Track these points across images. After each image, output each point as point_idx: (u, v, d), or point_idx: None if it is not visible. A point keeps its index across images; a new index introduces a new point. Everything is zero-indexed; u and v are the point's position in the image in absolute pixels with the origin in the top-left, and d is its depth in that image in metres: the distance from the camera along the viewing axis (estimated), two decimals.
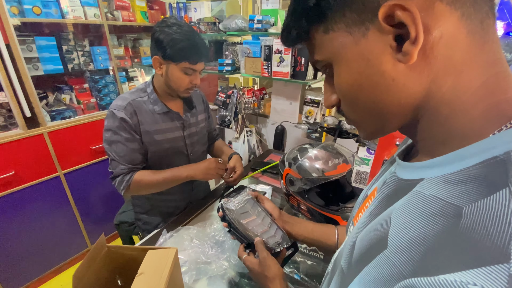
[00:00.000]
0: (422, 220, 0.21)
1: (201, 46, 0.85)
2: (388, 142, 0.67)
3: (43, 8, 1.43)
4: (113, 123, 0.87)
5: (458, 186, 0.21)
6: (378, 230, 0.26)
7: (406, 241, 0.21)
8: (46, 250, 1.63)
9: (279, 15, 1.29)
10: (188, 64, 0.84)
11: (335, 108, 0.35)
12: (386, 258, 0.22)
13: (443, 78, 0.23)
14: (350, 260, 0.29)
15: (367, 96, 0.26)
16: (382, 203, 0.29)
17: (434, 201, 0.21)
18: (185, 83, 0.88)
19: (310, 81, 1.24)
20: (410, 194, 0.25)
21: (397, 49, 0.23)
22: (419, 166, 0.26)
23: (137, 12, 1.84)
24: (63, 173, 1.59)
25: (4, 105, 1.38)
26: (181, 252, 0.72)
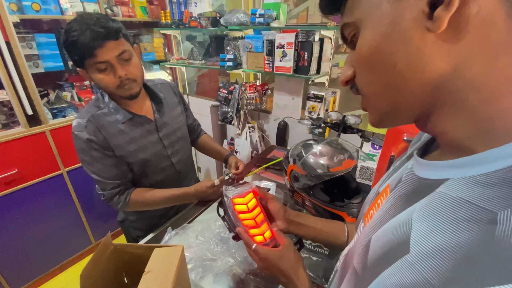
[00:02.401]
0: (452, 226, 0.20)
1: (89, 29, 0.66)
2: (395, 137, 0.66)
3: (42, 5, 1.42)
4: (80, 145, 0.80)
5: (491, 190, 0.19)
6: (397, 232, 0.24)
7: (433, 247, 0.20)
8: (51, 247, 1.64)
9: (281, 9, 1.27)
10: (92, 60, 0.69)
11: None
12: (409, 264, 0.21)
13: (475, 58, 0.21)
14: (364, 261, 0.28)
15: (386, 63, 0.24)
16: (399, 203, 0.28)
17: (464, 205, 0.20)
18: (110, 81, 0.74)
19: (313, 76, 1.23)
20: (434, 196, 0.23)
21: (428, 16, 0.21)
22: (443, 165, 0.24)
23: (137, 7, 1.82)
24: (66, 171, 1.59)
25: (6, 103, 1.38)
26: (187, 249, 0.72)
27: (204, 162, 2.30)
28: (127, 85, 0.77)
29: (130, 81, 0.77)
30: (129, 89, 0.78)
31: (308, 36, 1.14)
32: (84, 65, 0.71)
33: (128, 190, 0.90)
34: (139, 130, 0.88)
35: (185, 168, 1.07)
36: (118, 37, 0.71)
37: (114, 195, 0.87)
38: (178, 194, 0.94)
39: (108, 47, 0.69)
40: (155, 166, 0.94)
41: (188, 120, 1.12)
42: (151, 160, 0.92)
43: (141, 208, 0.96)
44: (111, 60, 0.71)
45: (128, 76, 0.75)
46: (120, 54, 0.72)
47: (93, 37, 0.66)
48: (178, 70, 2.08)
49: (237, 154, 1.72)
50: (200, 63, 1.73)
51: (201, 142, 1.19)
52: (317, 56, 1.22)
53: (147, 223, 1.04)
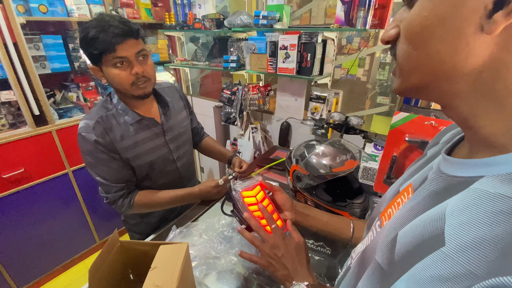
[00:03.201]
0: (491, 218, 0.20)
1: (111, 26, 0.69)
2: (397, 138, 0.67)
3: (49, 7, 1.44)
4: (87, 147, 0.79)
5: None
6: (429, 227, 0.25)
7: (472, 239, 0.20)
8: (56, 246, 1.67)
9: (284, 11, 1.28)
10: (111, 55, 0.71)
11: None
12: (446, 256, 0.21)
13: None
14: (391, 256, 0.28)
15: (431, 46, 0.24)
16: (428, 200, 0.28)
17: (502, 200, 0.21)
18: (126, 77, 0.75)
19: (316, 77, 1.23)
20: (468, 192, 0.24)
21: (488, 15, 0.21)
22: (477, 163, 0.24)
23: (142, 9, 1.84)
24: (71, 170, 1.61)
25: (13, 104, 1.40)
26: (191, 247, 0.73)
27: (207, 163, 2.32)
28: (141, 83, 0.78)
29: (145, 79, 0.78)
30: (143, 87, 0.79)
31: (311, 37, 1.15)
32: (102, 60, 0.73)
33: (132, 193, 0.90)
34: (147, 133, 0.88)
35: (188, 172, 1.08)
36: (138, 37, 0.74)
37: (118, 198, 0.87)
38: (182, 195, 0.94)
39: (128, 43, 0.72)
40: (159, 170, 0.94)
41: (193, 123, 1.13)
42: (157, 163, 0.92)
43: (146, 210, 0.96)
44: (129, 56, 0.73)
45: (144, 73, 0.77)
46: (138, 52, 0.75)
47: (115, 34, 0.69)
48: (182, 71, 2.10)
49: (240, 154, 1.73)
50: (203, 64, 1.75)
51: (205, 144, 1.20)
52: (320, 57, 1.22)
53: (148, 227, 1.05)
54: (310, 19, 2.46)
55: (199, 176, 2.44)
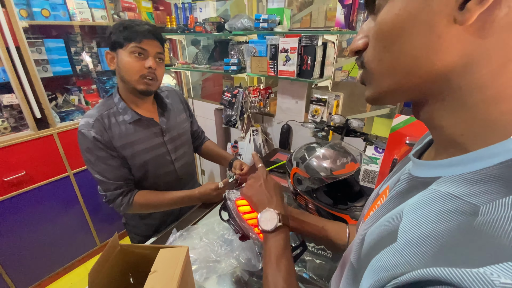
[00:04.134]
0: (436, 217, 0.21)
1: (145, 24, 0.80)
2: (398, 141, 0.67)
3: (52, 11, 1.46)
4: (86, 144, 0.81)
5: (477, 186, 0.20)
6: (388, 225, 0.26)
7: (417, 235, 0.21)
8: (56, 249, 1.66)
9: (285, 14, 1.29)
10: (134, 44, 0.77)
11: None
12: (395, 251, 0.22)
13: (489, 59, 0.21)
14: (359, 254, 0.29)
15: (403, 44, 0.24)
16: (394, 200, 0.29)
17: (450, 199, 0.21)
18: (137, 68, 0.79)
19: (317, 80, 1.24)
20: (426, 192, 0.25)
21: (460, 6, 0.20)
22: (437, 164, 0.25)
23: (143, 13, 1.86)
24: (73, 173, 1.62)
25: (15, 107, 1.41)
26: (191, 251, 0.73)
27: (208, 165, 2.32)
28: (149, 79, 0.82)
29: (153, 76, 0.83)
30: (149, 84, 0.83)
31: (311, 40, 1.16)
32: (123, 46, 0.78)
33: (132, 192, 0.90)
34: (145, 132, 0.90)
35: (187, 174, 1.08)
36: (162, 43, 0.85)
37: (117, 196, 0.88)
38: (182, 196, 0.95)
39: (153, 43, 0.81)
40: (156, 170, 0.95)
41: (193, 127, 1.14)
42: (153, 163, 0.93)
43: (145, 210, 0.96)
44: (150, 51, 0.80)
45: (155, 71, 0.82)
46: (159, 52, 0.83)
47: (147, 30, 0.79)
48: (183, 74, 2.11)
49: (241, 157, 1.73)
50: (204, 67, 1.75)
51: (205, 148, 1.21)
52: (320, 60, 1.23)
53: (148, 229, 1.05)
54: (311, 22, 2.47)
55: (200, 178, 2.44)
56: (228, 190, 0.67)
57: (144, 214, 1.03)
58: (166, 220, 1.07)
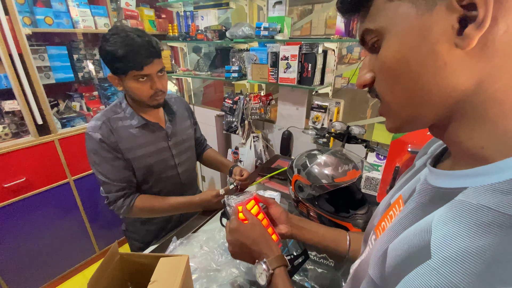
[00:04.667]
0: (473, 231, 0.20)
1: (141, 48, 0.76)
2: (400, 148, 0.66)
3: (55, 19, 1.47)
4: (92, 145, 0.84)
5: (509, 196, 0.20)
6: (416, 240, 0.25)
7: (455, 251, 0.20)
8: (55, 256, 1.65)
9: (285, 22, 1.31)
10: (136, 72, 0.78)
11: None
12: (432, 269, 0.21)
13: (499, 75, 0.22)
14: (382, 270, 0.28)
15: (411, 75, 0.25)
16: (416, 212, 0.28)
17: (484, 211, 0.21)
18: (145, 92, 0.82)
19: (317, 87, 1.24)
20: (453, 203, 0.24)
21: (458, 32, 0.21)
22: (460, 174, 0.25)
23: (145, 21, 1.88)
24: (73, 179, 1.61)
25: (17, 113, 1.42)
26: (191, 259, 0.72)
27: (208, 171, 2.31)
28: (159, 96, 0.85)
29: (161, 93, 0.86)
30: (159, 99, 0.87)
31: (312, 48, 1.17)
32: (127, 74, 0.79)
33: (133, 195, 0.91)
34: (150, 136, 0.92)
35: (189, 180, 1.09)
36: (160, 56, 0.81)
37: (119, 198, 0.89)
38: (183, 202, 0.95)
39: (154, 63, 0.80)
40: (160, 174, 0.96)
41: (196, 134, 1.17)
42: (157, 167, 0.94)
43: (145, 214, 0.97)
44: (152, 74, 0.81)
45: (162, 88, 0.85)
46: (159, 70, 0.83)
47: (145, 56, 0.77)
48: (184, 81, 2.12)
49: (241, 163, 1.72)
50: (206, 74, 1.77)
51: (206, 155, 1.23)
52: (321, 67, 1.24)
53: (148, 235, 1.05)
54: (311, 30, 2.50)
55: (200, 185, 2.43)
56: (227, 196, 0.67)
57: (145, 219, 1.02)
58: (166, 227, 1.06)
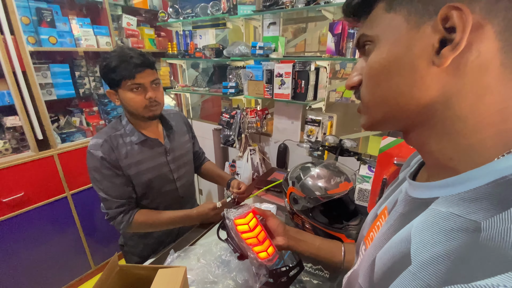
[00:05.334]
0: (444, 236, 0.23)
1: (132, 58, 0.80)
2: (387, 161, 0.70)
3: (59, 38, 1.53)
4: (94, 163, 0.87)
5: (474, 203, 0.23)
6: (399, 248, 0.27)
7: (430, 256, 0.23)
8: (51, 271, 1.62)
9: (279, 42, 1.38)
10: (130, 81, 0.82)
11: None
12: (412, 274, 0.23)
13: (465, 94, 0.24)
14: (371, 279, 0.30)
15: (391, 82, 0.27)
16: (398, 222, 0.31)
17: (452, 218, 0.23)
18: (139, 102, 0.85)
19: (310, 102, 1.29)
20: (427, 212, 0.26)
21: (436, 51, 0.24)
22: (433, 185, 0.27)
23: (146, 39, 1.96)
24: (71, 194, 1.62)
25: (18, 129, 1.44)
26: (189, 272, 0.73)
27: (206, 185, 2.32)
28: (153, 106, 0.88)
29: (156, 103, 0.88)
30: (154, 110, 0.89)
31: (305, 66, 1.23)
32: (120, 85, 0.83)
33: (132, 211, 0.93)
34: (149, 152, 0.95)
35: (188, 193, 1.11)
36: (153, 68, 0.87)
37: (118, 214, 0.90)
38: (180, 216, 0.96)
39: (146, 73, 0.84)
40: (159, 188, 0.98)
41: (194, 147, 1.19)
42: (156, 182, 0.96)
43: (143, 229, 0.98)
44: (145, 83, 0.84)
45: (156, 98, 0.87)
46: (153, 80, 0.86)
47: (136, 64, 0.81)
48: (182, 96, 2.18)
49: (239, 176, 1.75)
50: (204, 90, 1.82)
51: (205, 168, 1.25)
52: (314, 83, 1.29)
53: (147, 249, 1.06)
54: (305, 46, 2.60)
55: (198, 198, 2.43)
56: (226, 209, 0.68)
57: (143, 233, 1.03)
58: (164, 240, 1.07)
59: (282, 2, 1.25)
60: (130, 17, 1.86)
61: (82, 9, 1.74)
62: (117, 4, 1.82)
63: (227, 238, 0.66)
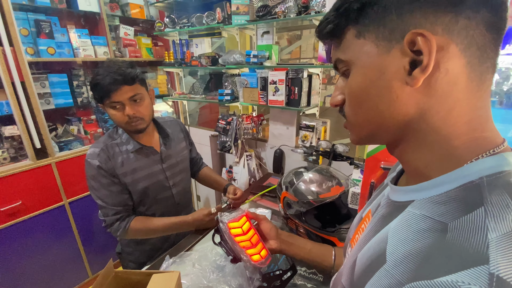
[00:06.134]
0: (415, 236, 0.25)
1: (107, 77, 0.80)
2: (374, 165, 0.72)
3: (57, 49, 1.56)
4: (91, 172, 0.89)
5: (443, 206, 0.25)
6: (377, 248, 0.29)
7: (402, 254, 0.25)
8: (48, 280, 1.62)
9: (273, 50, 1.41)
10: (108, 100, 0.83)
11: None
12: (386, 272, 0.25)
13: (438, 109, 0.26)
14: (351, 278, 0.32)
15: (371, 103, 0.29)
16: (378, 223, 0.33)
17: (424, 219, 0.25)
18: (120, 117, 0.86)
19: (304, 108, 1.32)
20: (403, 214, 0.28)
21: (408, 72, 0.26)
22: (409, 189, 0.30)
23: (143, 48, 1.99)
24: (68, 202, 1.63)
25: (16, 138, 1.46)
26: (184, 277, 0.74)
27: (203, 191, 2.33)
28: (134, 122, 0.88)
29: (137, 119, 0.88)
30: (135, 125, 0.89)
31: (297, 73, 1.26)
32: (103, 102, 0.85)
33: (129, 218, 0.94)
34: (145, 160, 0.96)
35: (184, 200, 1.12)
36: (133, 83, 0.85)
37: (115, 221, 0.92)
38: (176, 222, 0.97)
39: (122, 90, 0.82)
40: (155, 195, 0.99)
41: (192, 154, 1.21)
42: (152, 189, 0.98)
43: (140, 236, 0.99)
44: (123, 100, 0.84)
45: (136, 115, 0.87)
46: (132, 96, 0.85)
47: (110, 83, 0.80)
48: (180, 103, 2.21)
49: (236, 181, 1.76)
50: (200, 97, 1.85)
51: (202, 174, 1.26)
52: (307, 90, 1.32)
53: (143, 255, 1.06)
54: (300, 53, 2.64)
55: (195, 204, 2.44)
56: (220, 213, 0.70)
57: (139, 240, 1.04)
58: (161, 247, 1.08)
59: (275, 12, 1.28)
60: (128, 27, 1.89)
61: (80, 20, 1.77)
62: (115, 15, 1.85)
63: (221, 241, 0.68)
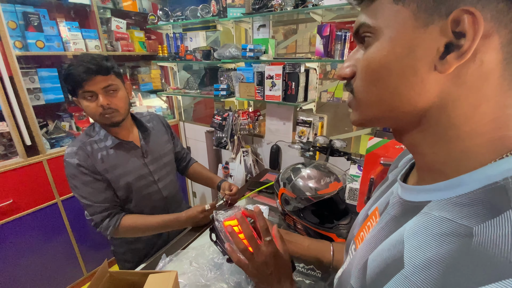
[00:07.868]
0: (436, 240, 0.23)
1: (80, 66, 0.78)
2: (373, 161, 0.72)
3: (46, 42, 1.51)
4: (70, 170, 0.86)
5: (465, 208, 0.23)
6: (392, 251, 0.27)
7: (423, 260, 0.23)
8: (42, 279, 1.60)
9: (270, 44, 1.39)
10: (80, 89, 0.80)
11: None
12: (405, 277, 0.23)
13: (462, 102, 0.24)
14: (363, 281, 0.30)
15: (389, 83, 0.26)
16: (391, 224, 0.31)
17: (445, 222, 0.23)
18: (93, 109, 0.83)
19: (301, 103, 1.31)
20: (420, 216, 0.26)
21: (441, 56, 0.23)
22: (425, 189, 0.27)
23: (136, 42, 1.94)
24: (61, 200, 1.59)
25: (5, 135, 1.41)
26: (181, 276, 0.73)
27: (199, 188, 2.31)
28: (108, 114, 0.85)
29: (112, 111, 0.85)
30: (110, 117, 0.86)
31: (294, 68, 1.24)
32: (77, 94, 0.82)
33: (119, 215, 0.92)
34: (126, 156, 0.94)
35: (172, 193, 1.10)
36: (108, 73, 0.82)
37: (104, 218, 0.89)
38: (169, 219, 0.96)
39: (96, 80, 0.80)
40: (141, 191, 0.97)
41: (176, 148, 1.18)
42: (136, 184, 0.96)
43: (132, 234, 0.97)
44: (96, 90, 0.81)
45: (110, 106, 0.84)
46: (106, 86, 0.82)
47: (83, 71, 0.78)
48: (174, 99, 2.17)
49: (232, 178, 1.75)
50: (195, 92, 1.82)
51: (193, 171, 1.24)
52: (304, 85, 1.31)
53: (136, 255, 1.05)
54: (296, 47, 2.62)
55: (191, 201, 2.42)
56: (216, 211, 0.69)
57: (131, 239, 1.02)
58: (154, 245, 1.06)
59: (271, 5, 1.26)
60: (120, 20, 1.84)
61: (70, 12, 1.72)
62: (106, 7, 1.80)
63: (216, 240, 0.67)
